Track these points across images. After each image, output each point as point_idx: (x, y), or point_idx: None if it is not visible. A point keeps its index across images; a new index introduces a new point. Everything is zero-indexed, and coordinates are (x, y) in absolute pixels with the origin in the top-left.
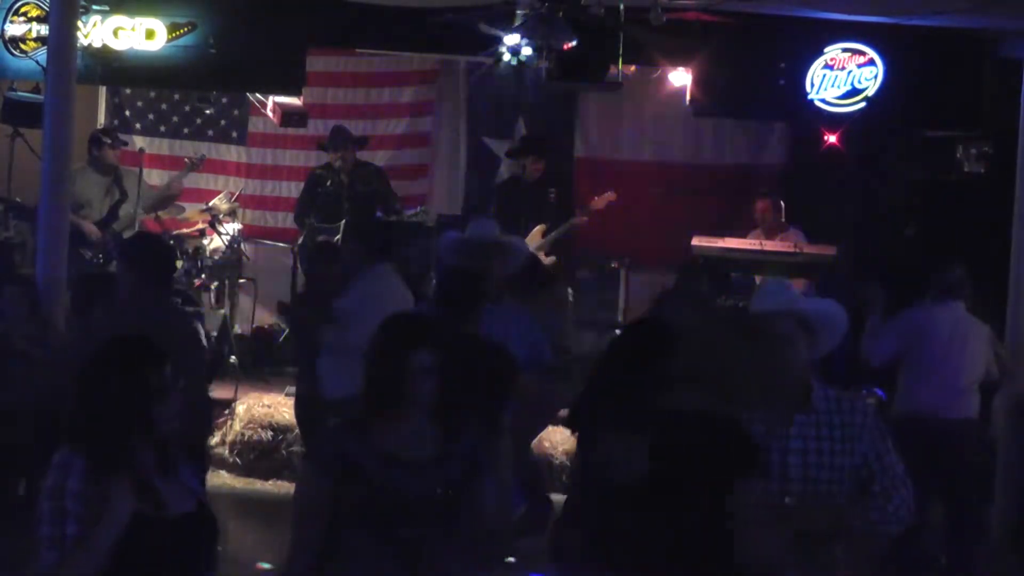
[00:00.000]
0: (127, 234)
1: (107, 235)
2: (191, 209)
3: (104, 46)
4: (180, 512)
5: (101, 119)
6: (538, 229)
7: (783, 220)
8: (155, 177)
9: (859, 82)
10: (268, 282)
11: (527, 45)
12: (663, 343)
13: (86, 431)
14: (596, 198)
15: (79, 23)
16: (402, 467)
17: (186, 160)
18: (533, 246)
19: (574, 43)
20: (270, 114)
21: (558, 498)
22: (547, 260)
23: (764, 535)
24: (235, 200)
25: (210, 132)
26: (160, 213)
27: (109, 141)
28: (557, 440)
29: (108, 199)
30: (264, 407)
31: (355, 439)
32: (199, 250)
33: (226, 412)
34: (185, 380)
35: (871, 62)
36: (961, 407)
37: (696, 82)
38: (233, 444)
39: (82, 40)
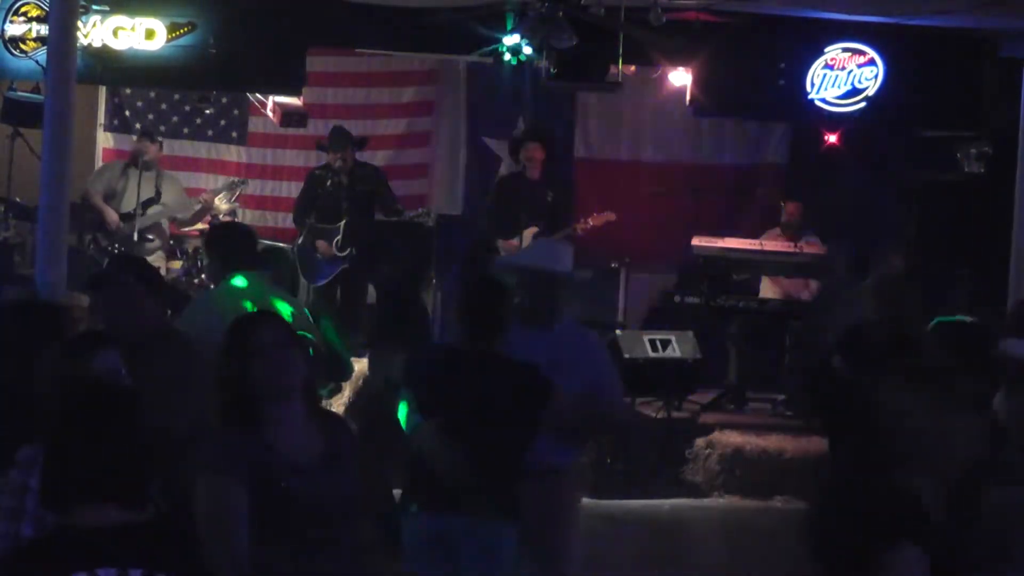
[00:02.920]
0: (150, 234)
1: (127, 228)
2: None
3: (104, 46)
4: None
5: (101, 119)
6: (530, 231)
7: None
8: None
9: (859, 82)
10: None
11: (527, 45)
12: None
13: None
14: (596, 215)
15: (79, 23)
16: (295, 470)
17: (233, 180)
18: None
19: (574, 43)
20: (270, 114)
21: None
22: None
23: None
24: (235, 200)
25: (210, 132)
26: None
27: (147, 138)
28: None
29: (136, 192)
30: None
31: (249, 440)
32: (199, 250)
33: None
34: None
35: (871, 62)
36: None
37: (696, 82)
38: None
39: (82, 40)
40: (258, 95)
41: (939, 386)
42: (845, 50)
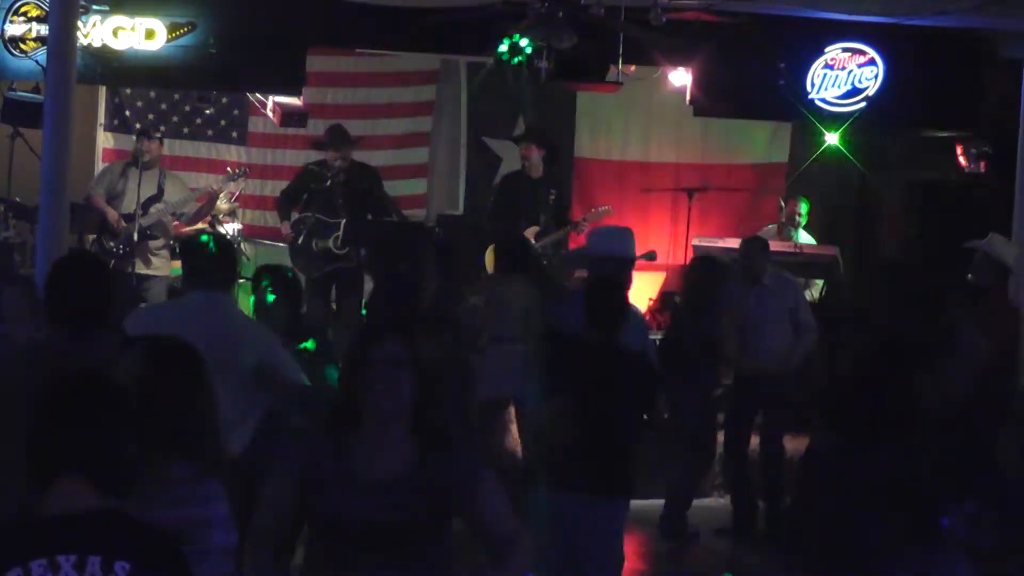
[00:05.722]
0: (155, 232)
1: (131, 228)
2: None
3: (104, 46)
4: None
5: (101, 119)
6: (530, 230)
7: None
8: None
9: (859, 82)
10: None
11: (527, 45)
12: None
13: None
14: (593, 210)
15: (79, 23)
16: (360, 488)
17: (228, 169)
18: None
19: (574, 43)
20: (270, 114)
21: None
22: None
23: None
24: (235, 200)
25: (210, 132)
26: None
27: (145, 136)
28: None
29: (137, 191)
30: None
31: (326, 450)
32: None
33: None
34: None
35: (871, 62)
36: None
37: (696, 82)
38: None
39: (82, 40)
40: (258, 95)
41: None
42: (845, 50)
